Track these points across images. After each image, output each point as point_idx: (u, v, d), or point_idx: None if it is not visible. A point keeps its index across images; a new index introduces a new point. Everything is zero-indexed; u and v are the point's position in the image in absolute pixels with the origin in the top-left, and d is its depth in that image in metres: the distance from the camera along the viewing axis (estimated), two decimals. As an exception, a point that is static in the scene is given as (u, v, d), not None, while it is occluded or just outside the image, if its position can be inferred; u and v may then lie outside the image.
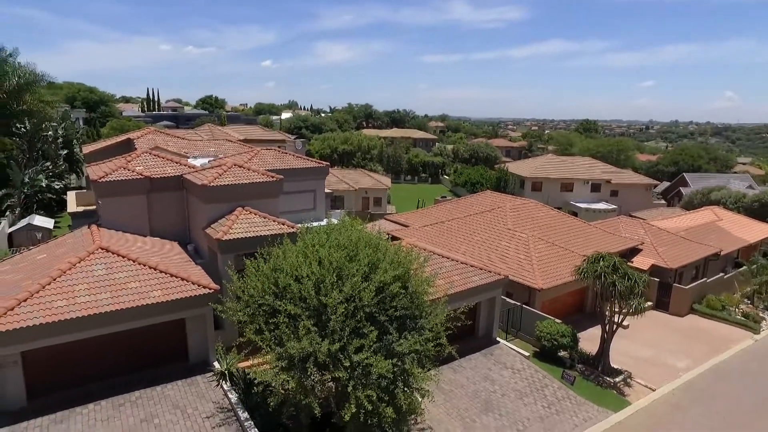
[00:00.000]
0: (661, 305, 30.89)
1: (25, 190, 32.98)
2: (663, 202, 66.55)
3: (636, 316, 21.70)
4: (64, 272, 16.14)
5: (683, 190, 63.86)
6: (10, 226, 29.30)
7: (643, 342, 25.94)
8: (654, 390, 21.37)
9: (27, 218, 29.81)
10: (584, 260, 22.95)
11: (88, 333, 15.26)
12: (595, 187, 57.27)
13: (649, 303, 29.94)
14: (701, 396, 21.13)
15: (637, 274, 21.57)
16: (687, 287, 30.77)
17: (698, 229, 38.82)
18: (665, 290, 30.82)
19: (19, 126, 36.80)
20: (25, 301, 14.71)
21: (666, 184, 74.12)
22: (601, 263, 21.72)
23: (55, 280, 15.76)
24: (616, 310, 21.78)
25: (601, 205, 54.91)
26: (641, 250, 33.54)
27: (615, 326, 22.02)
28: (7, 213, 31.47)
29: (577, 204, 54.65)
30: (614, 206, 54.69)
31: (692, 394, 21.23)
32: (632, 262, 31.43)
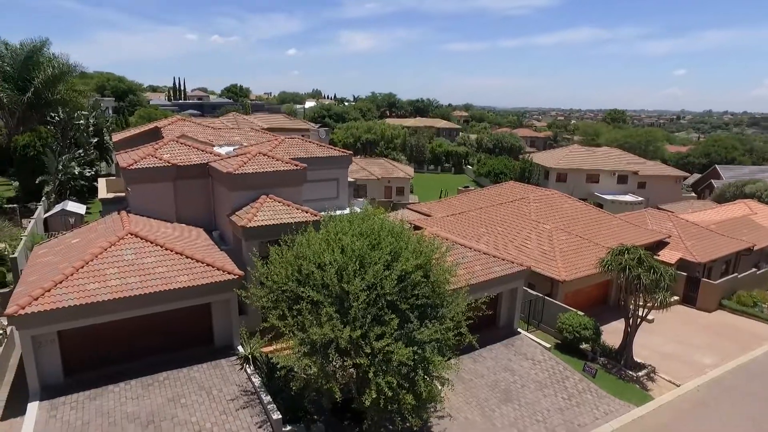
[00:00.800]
0: (688, 300, 30.23)
1: (60, 177, 34.06)
2: (693, 194, 64.79)
3: (661, 311, 21.32)
4: (96, 256, 16.70)
5: (715, 182, 61.91)
6: (45, 212, 30.36)
7: (668, 337, 25.49)
8: (678, 385, 21.02)
9: (61, 204, 30.83)
10: (609, 252, 22.60)
11: (119, 315, 15.82)
12: (622, 179, 56.07)
13: (676, 297, 29.31)
14: (729, 394, 20.67)
15: (664, 268, 21.16)
16: (716, 282, 30.02)
17: (730, 223, 37.68)
18: (693, 285, 30.13)
19: (53, 115, 37.93)
20: (60, 283, 15.32)
21: (697, 176, 72.00)
22: (626, 256, 21.36)
23: (87, 263, 16.33)
24: (641, 303, 21.43)
25: (628, 197, 53.77)
26: (668, 243, 32.81)
27: (639, 320, 21.70)
28: (43, 199, 32.58)
29: (603, 196, 53.64)
30: (641, 198, 53.50)
31: (719, 392, 20.79)
32: (659, 255, 30.80)
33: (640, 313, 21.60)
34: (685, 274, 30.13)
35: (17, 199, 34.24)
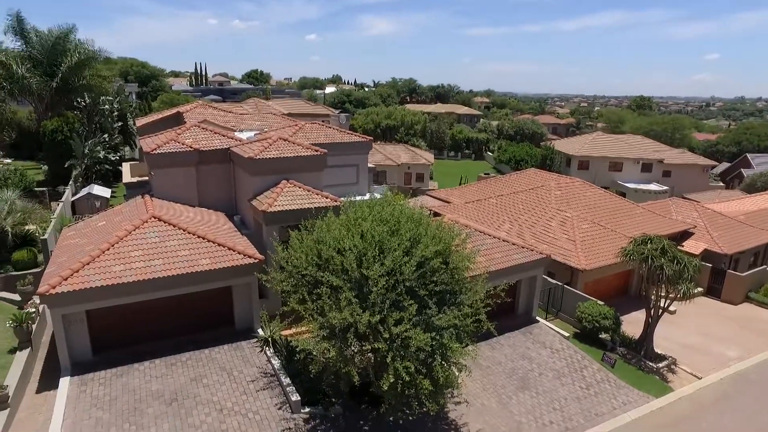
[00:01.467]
0: (713, 292, 29.60)
1: (86, 161, 34.81)
2: (721, 184, 63.09)
3: (684, 302, 20.95)
4: (121, 239, 17.12)
5: (745, 171, 60.15)
6: (73, 195, 31.13)
7: (691, 329, 25.06)
8: (700, 378, 20.70)
9: (87, 188, 31.54)
10: (631, 242, 22.23)
11: (143, 296, 16.24)
12: (646, 167, 54.82)
13: (700, 289, 28.73)
14: (754, 388, 20.26)
15: (688, 258, 20.75)
16: (743, 274, 29.30)
17: (760, 214, 36.62)
18: (718, 276, 29.47)
19: (79, 100, 38.64)
20: (88, 264, 15.78)
21: (725, 165, 70.00)
22: (649, 246, 20.99)
23: (113, 246, 16.76)
24: (663, 294, 21.09)
25: (652, 186, 52.62)
26: (693, 233, 32.10)
27: (661, 311, 21.37)
28: (71, 182, 33.38)
29: (626, 184, 52.60)
30: (666, 187, 52.31)
31: (744, 385, 20.40)
32: (683, 245, 30.19)
33: (661, 304, 21.27)
34: (710, 265, 29.48)
35: (46, 182, 35.15)
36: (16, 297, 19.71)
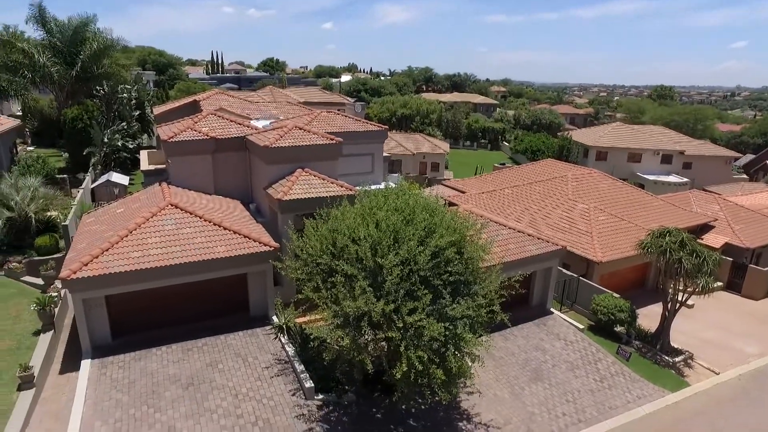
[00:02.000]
0: (733, 287, 29.06)
1: (105, 149, 35.30)
2: (744, 176, 61.62)
3: (703, 296, 20.61)
4: (139, 226, 17.38)
5: (769, 163, 58.67)
6: (92, 182, 31.64)
7: (709, 323, 24.68)
8: (718, 373, 20.41)
9: (106, 175, 32.01)
10: (649, 234, 21.88)
11: (160, 283, 16.51)
12: (666, 159, 53.73)
13: (719, 283, 28.26)
14: (772, 384, 19.95)
15: (708, 252, 20.34)
16: (765, 269, 28.70)
17: (783, 207, 35.74)
18: (739, 271, 28.91)
19: (98, 88, 39.10)
20: (107, 250, 16.07)
21: (750, 156, 68.26)
22: (667, 238, 20.63)
23: (131, 232, 17.03)
24: (681, 288, 20.77)
25: (672, 178, 51.61)
26: (714, 227, 31.48)
27: (678, 305, 21.05)
28: (90, 169, 33.90)
29: (645, 176, 51.65)
30: (686, 179, 51.27)
31: (763, 382, 20.07)
32: (702, 239, 29.66)
33: (679, 298, 20.95)
34: (731, 259, 28.93)
35: (67, 169, 35.76)
36: (40, 281, 20.19)
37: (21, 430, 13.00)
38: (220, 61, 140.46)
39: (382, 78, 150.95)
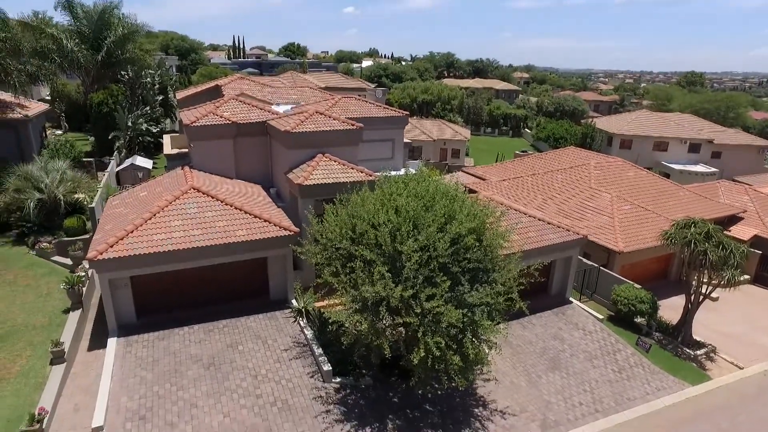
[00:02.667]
0: (761, 280, 28.34)
1: (129, 133, 35.94)
2: (777, 166, 59.51)
3: (728, 289, 20.16)
4: (162, 209, 17.71)
5: (804, 153, 56.52)
6: (117, 166, 32.29)
7: (734, 317, 24.16)
8: (742, 368, 20.02)
9: (130, 159, 32.65)
10: (673, 225, 21.43)
11: (182, 265, 16.85)
12: (694, 148, 52.23)
13: (746, 276, 27.55)
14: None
15: (735, 244, 19.85)
16: (794, 262, 27.91)
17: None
18: None
19: (123, 73, 39.69)
20: (131, 233, 16.44)
21: (783, 146, 65.81)
22: (692, 229, 20.18)
23: (155, 215, 17.37)
24: (705, 280, 20.34)
25: (699, 168, 50.21)
26: (743, 218, 30.64)
27: (702, 297, 20.66)
28: (115, 153, 34.59)
29: (671, 165, 50.37)
30: (714, 169, 49.81)
31: (787, 376, 19.65)
32: (730, 230, 28.91)
33: (703, 290, 20.54)
34: (759, 252, 28.16)
35: (93, 153, 36.54)
36: (68, 261, 20.82)
37: (54, 402, 13.58)
38: (241, 46, 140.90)
39: (403, 63, 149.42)
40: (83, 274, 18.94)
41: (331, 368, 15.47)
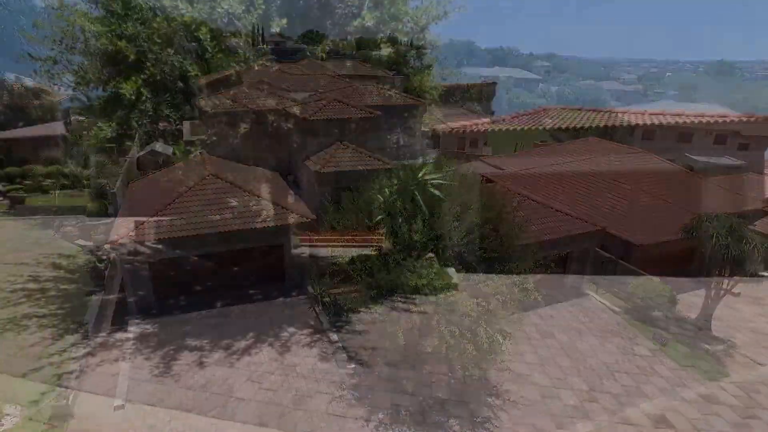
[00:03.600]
0: (785, 275, 27.67)
1: (148, 120, 36.35)
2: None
3: (751, 285, 19.74)
4: (181, 195, 17.99)
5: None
6: (137, 152, 32.77)
7: (756, 313, 23.67)
8: (763, 365, 19.67)
9: (150, 145, 33.09)
10: (694, 218, 21.01)
11: (200, 250, 17.16)
12: (720, 139, 50.78)
13: (770, 271, 26.95)
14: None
15: (759, 239, 19.40)
16: (820, 258, 27.13)
17: None
18: (792, 259, 27.44)
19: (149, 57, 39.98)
20: (152, 218, 16.75)
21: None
22: (715, 223, 19.76)
23: (174, 201, 17.65)
24: (727, 275, 19.94)
25: (725, 160, 48.89)
26: (769, 212, 29.88)
27: (723, 292, 20.28)
28: (135, 140, 35.06)
29: (695, 157, 49.17)
30: (742, 162, 48.49)
31: (811, 376, 19.23)
32: (755, 225, 28.22)
33: (724, 285, 20.16)
34: (784, 247, 27.45)
35: (114, 139, 37.08)
36: (91, 244, 21.34)
37: (79, 377, 14.02)
38: (261, 33, 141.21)
39: (424, 51, 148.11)
40: (105, 257, 19.40)
41: (345, 354, 15.64)
